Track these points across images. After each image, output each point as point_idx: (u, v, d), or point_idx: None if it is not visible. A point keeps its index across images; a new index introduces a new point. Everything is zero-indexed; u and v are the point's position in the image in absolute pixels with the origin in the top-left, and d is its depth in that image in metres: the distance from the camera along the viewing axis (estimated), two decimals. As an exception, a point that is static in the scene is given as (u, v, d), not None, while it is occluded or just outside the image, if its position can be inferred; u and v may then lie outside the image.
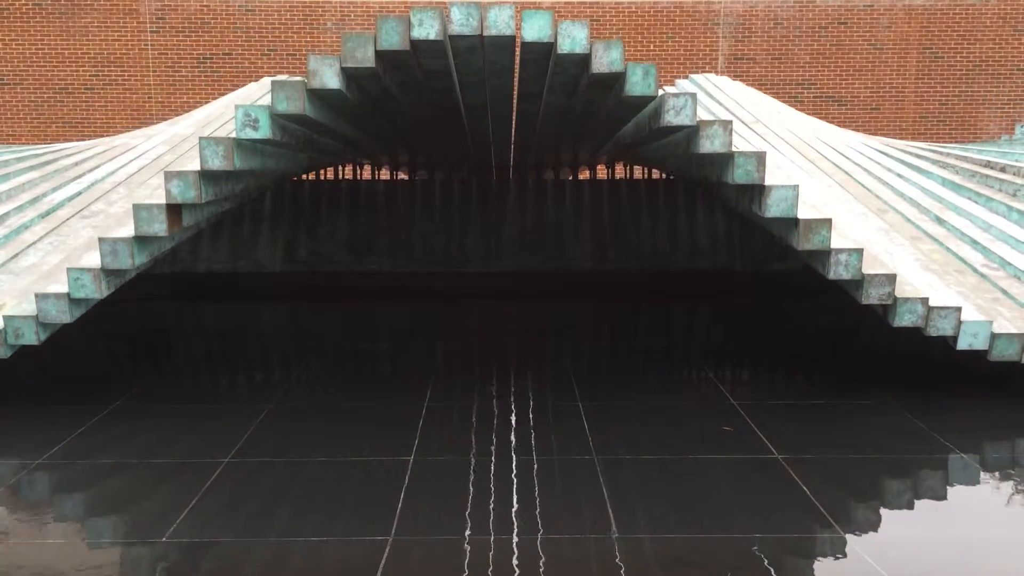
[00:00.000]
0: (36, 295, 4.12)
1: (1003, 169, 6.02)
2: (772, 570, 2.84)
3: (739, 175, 3.98)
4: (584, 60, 3.80)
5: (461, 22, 3.69)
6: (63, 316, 4.10)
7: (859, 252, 4.16)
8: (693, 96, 3.89)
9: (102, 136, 14.29)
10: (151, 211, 4.03)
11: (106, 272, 4.09)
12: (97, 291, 4.08)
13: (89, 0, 14.72)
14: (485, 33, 3.76)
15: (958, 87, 14.75)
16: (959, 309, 4.21)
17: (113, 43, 14.87)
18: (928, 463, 3.74)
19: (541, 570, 2.81)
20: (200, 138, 4.00)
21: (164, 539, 3.00)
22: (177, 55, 14.98)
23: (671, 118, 3.87)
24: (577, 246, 8.80)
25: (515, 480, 3.57)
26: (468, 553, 2.92)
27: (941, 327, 4.25)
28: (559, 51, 3.77)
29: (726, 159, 4.04)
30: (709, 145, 3.92)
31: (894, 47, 15.14)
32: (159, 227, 4.03)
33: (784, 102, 15.23)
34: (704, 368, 5.28)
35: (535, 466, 3.73)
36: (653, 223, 8.86)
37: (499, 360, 5.70)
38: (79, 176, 6.07)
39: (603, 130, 5.90)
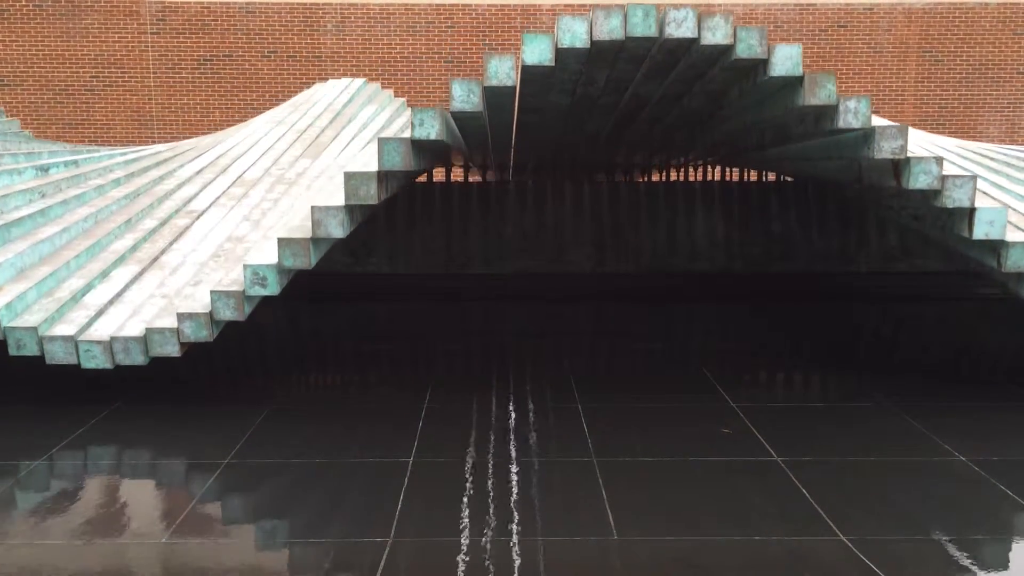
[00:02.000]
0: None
1: None
2: (770, 573, 2.85)
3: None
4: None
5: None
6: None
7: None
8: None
9: (101, 138, 14.30)
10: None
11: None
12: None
13: (90, 2, 14.73)
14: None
15: (957, 90, 14.76)
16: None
17: (113, 44, 14.88)
18: (927, 466, 3.74)
19: (540, 572, 2.82)
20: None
21: (164, 540, 3.01)
22: (178, 57, 15.00)
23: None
24: (577, 248, 8.81)
25: (514, 481, 3.57)
26: (466, 554, 2.92)
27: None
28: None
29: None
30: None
31: (893, 50, 15.16)
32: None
33: (784, 105, 15.25)
34: (703, 369, 5.28)
35: (534, 467, 3.73)
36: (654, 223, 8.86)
37: (500, 360, 5.70)
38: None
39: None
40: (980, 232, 4.18)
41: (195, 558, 2.91)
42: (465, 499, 3.38)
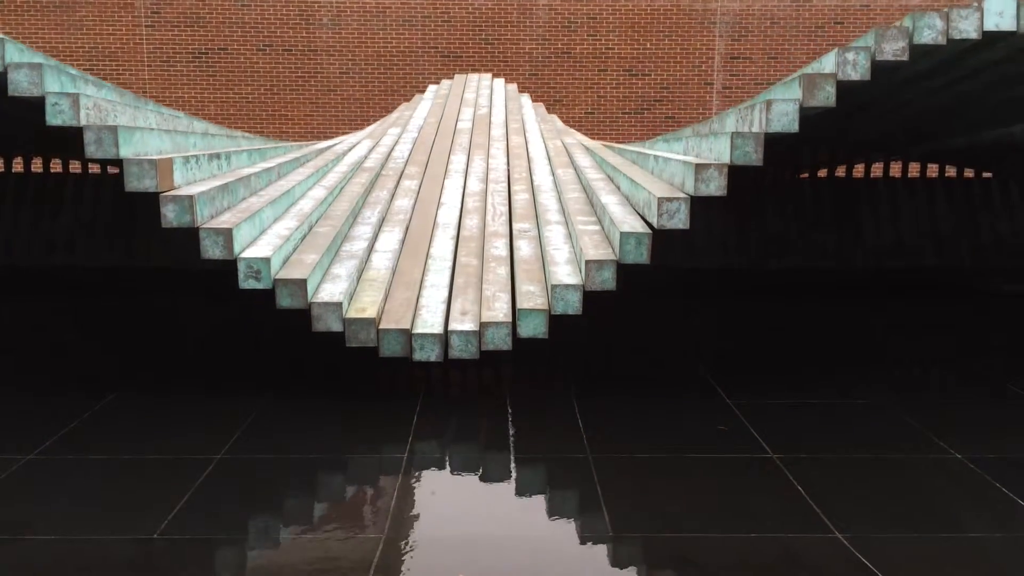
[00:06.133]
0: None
1: None
2: (766, 571, 2.84)
3: None
4: None
5: None
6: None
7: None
8: None
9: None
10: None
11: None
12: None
13: (84, -5, 14.66)
14: None
15: (954, 88, 14.76)
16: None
17: (108, 37, 14.82)
18: (924, 464, 3.74)
19: (537, 569, 2.80)
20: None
21: (156, 535, 2.99)
22: (172, 50, 14.95)
23: None
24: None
25: (511, 477, 3.56)
26: (463, 552, 2.91)
27: None
28: None
29: None
30: None
31: (890, 47, 15.14)
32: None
33: (780, 101, 15.24)
34: (699, 366, 5.27)
35: (529, 463, 3.71)
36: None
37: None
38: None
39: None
40: None
41: (186, 555, 2.88)
42: (459, 495, 3.35)
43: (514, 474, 3.61)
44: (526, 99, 10.49)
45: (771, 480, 3.52)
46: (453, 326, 4.21)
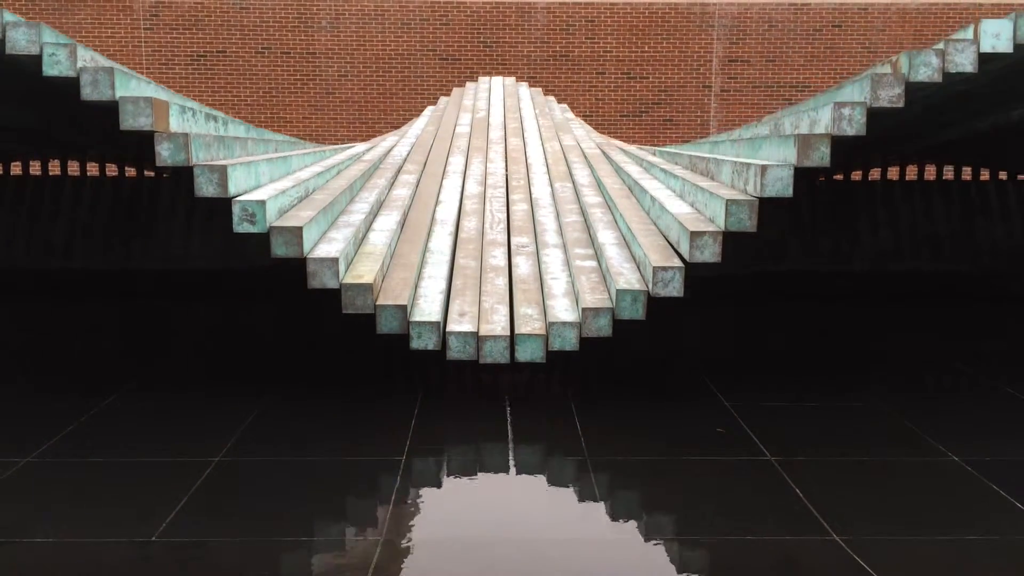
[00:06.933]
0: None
1: None
2: (763, 574, 2.84)
3: None
4: None
5: None
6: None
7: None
8: None
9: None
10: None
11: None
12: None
13: (82, -3, 14.67)
14: None
15: (951, 91, 14.79)
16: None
17: (107, 40, 14.82)
18: (920, 466, 3.74)
19: (536, 572, 2.81)
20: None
21: (154, 537, 2.99)
22: (171, 52, 14.95)
23: None
24: None
25: (509, 479, 3.57)
26: (461, 555, 2.91)
27: None
28: None
29: None
30: None
31: (888, 50, 15.19)
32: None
33: (778, 105, 15.28)
34: (696, 369, 5.28)
35: (527, 465, 3.72)
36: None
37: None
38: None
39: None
40: None
41: (184, 557, 2.89)
42: (458, 497, 3.36)
43: (513, 476, 3.61)
44: (525, 91, 10.43)
45: (768, 482, 3.52)
46: (451, 327, 4.20)
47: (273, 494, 3.46)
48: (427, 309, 4.29)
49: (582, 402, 4.54)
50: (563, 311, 4.29)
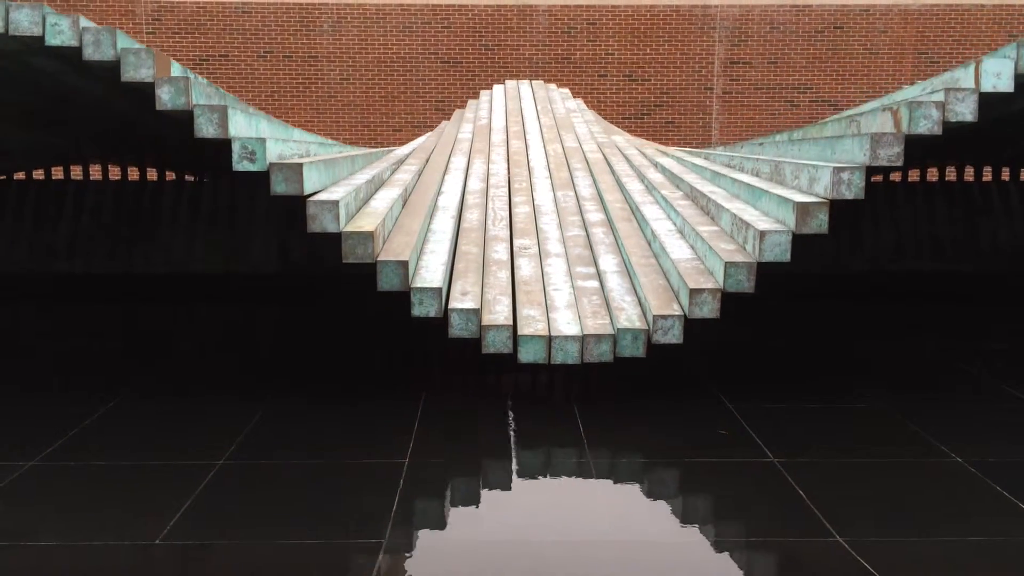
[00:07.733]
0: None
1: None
2: (767, 574, 2.84)
3: None
4: None
5: None
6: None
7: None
8: None
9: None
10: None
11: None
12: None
13: (85, 1, 14.71)
14: None
15: (953, 92, 14.78)
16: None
17: (109, 44, 14.84)
18: (923, 467, 3.74)
19: (539, 573, 2.81)
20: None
21: (157, 540, 2.99)
22: (174, 56, 14.95)
23: None
24: None
25: (511, 482, 3.57)
26: (463, 559, 2.92)
27: None
28: None
29: None
30: None
31: (890, 51, 15.19)
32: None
33: (780, 106, 15.29)
34: (699, 371, 5.28)
35: (530, 467, 3.72)
36: None
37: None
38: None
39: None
40: None
41: (188, 560, 2.89)
42: (460, 499, 3.37)
43: (515, 479, 3.62)
44: (526, 88, 10.33)
45: (771, 484, 3.52)
46: (454, 304, 4.17)
47: (276, 497, 3.46)
48: (429, 277, 4.26)
49: (584, 404, 4.54)
50: (565, 324, 4.30)
